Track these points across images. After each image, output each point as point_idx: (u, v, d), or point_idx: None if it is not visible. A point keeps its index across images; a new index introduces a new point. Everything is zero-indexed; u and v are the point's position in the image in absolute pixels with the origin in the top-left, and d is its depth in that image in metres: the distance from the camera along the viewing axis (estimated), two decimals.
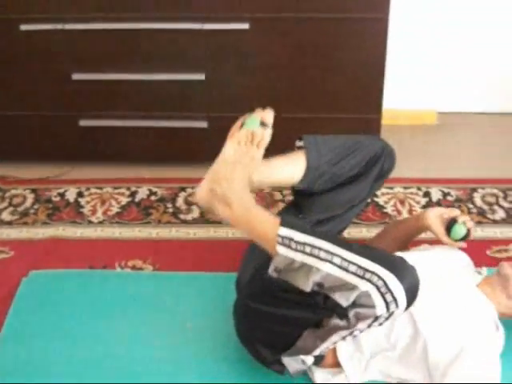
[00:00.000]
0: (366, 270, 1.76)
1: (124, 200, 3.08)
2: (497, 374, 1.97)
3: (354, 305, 1.77)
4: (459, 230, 2.19)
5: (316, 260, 1.82)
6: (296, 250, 1.84)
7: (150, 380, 2.16)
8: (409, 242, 2.41)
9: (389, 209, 2.99)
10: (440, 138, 3.56)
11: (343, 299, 1.77)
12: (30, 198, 3.12)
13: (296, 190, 2.29)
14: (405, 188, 3.12)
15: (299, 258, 1.84)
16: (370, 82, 3.04)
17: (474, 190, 3.12)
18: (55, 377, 2.18)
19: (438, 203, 3.01)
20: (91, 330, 2.36)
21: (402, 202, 3.03)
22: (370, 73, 3.02)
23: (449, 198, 3.06)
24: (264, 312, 1.99)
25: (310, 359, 2.00)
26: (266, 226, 1.94)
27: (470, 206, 3.01)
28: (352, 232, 2.82)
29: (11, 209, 3.05)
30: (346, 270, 1.78)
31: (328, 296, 1.80)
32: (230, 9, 2.88)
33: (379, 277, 1.74)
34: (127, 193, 3.12)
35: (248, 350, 2.11)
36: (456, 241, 2.21)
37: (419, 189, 3.11)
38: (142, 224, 2.92)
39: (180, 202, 3.06)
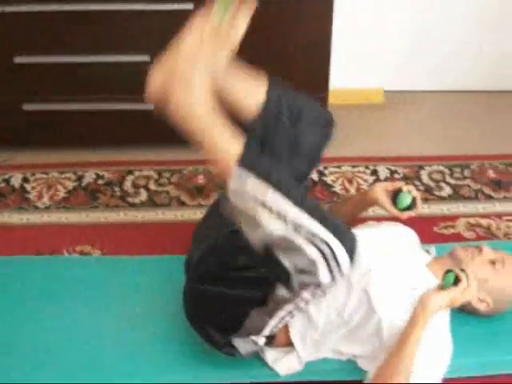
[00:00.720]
0: (316, 236, 1.73)
1: (70, 185, 3.04)
2: (447, 347, 2.01)
3: (299, 271, 1.76)
4: (404, 199, 2.18)
5: (268, 214, 1.75)
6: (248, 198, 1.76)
7: (98, 365, 2.15)
8: (356, 217, 2.40)
9: (337, 188, 3.01)
10: (387, 117, 3.59)
11: (288, 262, 1.76)
12: None
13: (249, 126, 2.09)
14: (353, 167, 3.14)
15: (251, 205, 1.77)
16: (316, 62, 3.05)
17: (421, 167, 3.15)
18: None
19: (386, 181, 3.03)
20: (39, 317, 2.32)
21: (350, 181, 3.05)
22: (316, 52, 3.03)
23: (396, 175, 3.09)
24: (212, 293, 1.99)
25: (261, 340, 2.00)
26: (224, 149, 1.81)
27: (417, 183, 3.04)
28: None
29: None
30: (298, 231, 1.74)
31: (273, 257, 1.78)
32: None
33: (327, 244, 1.72)
34: (74, 177, 3.09)
35: (198, 334, 2.09)
36: (402, 210, 2.21)
37: (367, 167, 3.13)
38: (90, 208, 2.89)
39: (127, 185, 3.03)
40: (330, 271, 1.74)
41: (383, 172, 3.10)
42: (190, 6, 2.84)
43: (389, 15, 3.50)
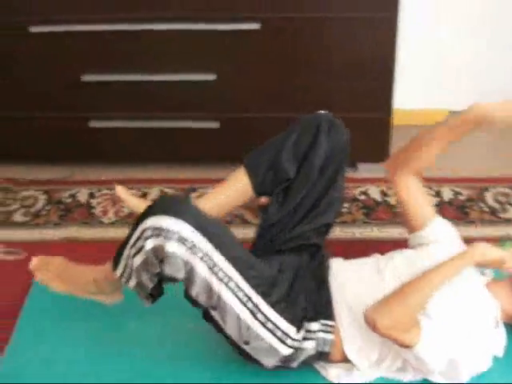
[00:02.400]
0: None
1: None
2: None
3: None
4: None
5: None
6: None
7: (158, 380, 2.17)
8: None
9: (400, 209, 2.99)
10: None
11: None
12: (42, 199, 3.13)
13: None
14: None
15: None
16: (380, 82, 3.04)
17: (486, 188, 3.11)
18: (69, 377, 2.19)
19: (450, 203, 3.01)
20: (102, 330, 2.37)
21: None
22: (379, 72, 3.01)
23: (460, 197, 3.06)
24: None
25: (283, 348, 2.00)
26: None
27: (482, 205, 3.01)
28: (364, 232, 2.82)
29: (23, 210, 3.06)
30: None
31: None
32: (241, 9, 2.88)
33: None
34: (139, 193, 3.12)
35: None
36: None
37: (430, 188, 3.10)
38: None
39: None
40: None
41: (447, 193, 3.07)
42: (257, 26, 2.87)
43: (455, 35, 3.48)
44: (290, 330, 1.99)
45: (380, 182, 3.13)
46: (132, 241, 1.97)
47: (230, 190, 2.24)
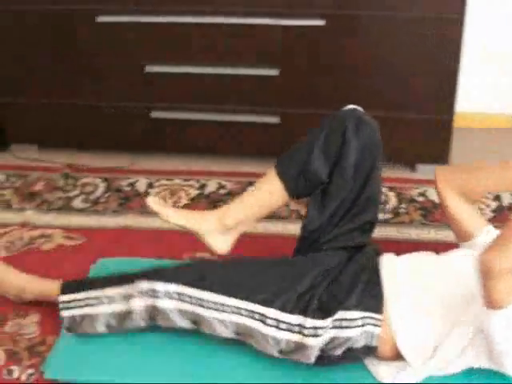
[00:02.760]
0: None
1: (193, 192, 3.10)
2: None
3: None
4: None
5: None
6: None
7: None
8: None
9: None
10: None
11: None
12: (102, 186, 3.17)
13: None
14: None
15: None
16: (443, 83, 3.01)
17: None
18: (121, 366, 2.17)
19: (510, 208, 2.97)
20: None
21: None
22: (443, 73, 2.99)
23: None
24: None
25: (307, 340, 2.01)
26: None
27: None
28: (421, 234, 2.80)
29: (83, 196, 3.11)
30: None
31: None
32: (306, 5, 2.89)
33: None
34: (196, 185, 3.15)
35: None
36: None
37: (489, 192, 3.06)
38: None
39: None
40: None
41: (507, 198, 3.03)
42: (322, 23, 2.87)
43: None
44: (307, 320, 1.99)
45: None
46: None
47: (265, 196, 2.27)
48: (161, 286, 2.08)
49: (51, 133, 3.41)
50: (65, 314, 2.22)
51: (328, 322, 1.99)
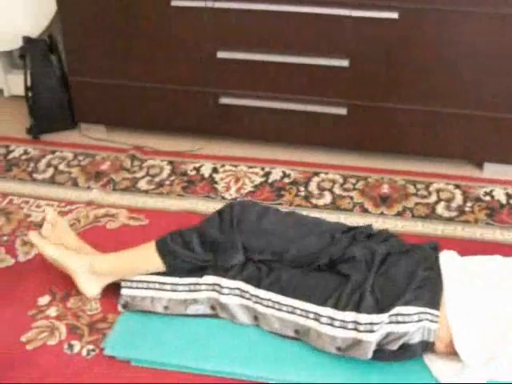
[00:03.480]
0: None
1: (257, 179, 3.11)
2: None
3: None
4: None
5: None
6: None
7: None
8: None
9: None
10: None
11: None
12: (167, 169, 3.20)
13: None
14: None
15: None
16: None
17: None
18: (179, 348, 2.19)
19: None
20: None
21: None
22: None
23: None
24: None
25: (361, 335, 2.01)
26: None
27: None
28: (485, 234, 2.76)
29: (148, 178, 3.14)
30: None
31: None
32: None
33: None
34: (261, 173, 3.15)
35: None
36: None
37: None
38: (274, 205, 2.94)
39: (313, 186, 3.06)
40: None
41: None
42: (395, 16, 2.84)
43: None
44: (359, 316, 2.00)
45: (506, 183, 3.06)
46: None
47: (141, 263, 2.33)
48: (225, 282, 2.18)
49: (120, 114, 3.45)
50: (125, 292, 2.28)
51: (384, 317, 1.99)
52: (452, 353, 2.04)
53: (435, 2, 2.83)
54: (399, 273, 2.10)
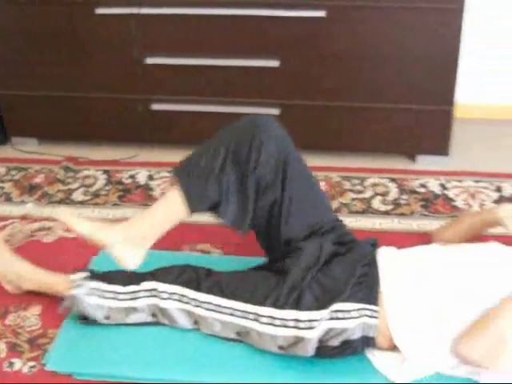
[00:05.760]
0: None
1: None
2: None
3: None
4: None
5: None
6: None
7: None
8: (478, 235, 2.38)
9: (459, 202, 2.96)
10: None
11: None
12: (102, 179, 3.17)
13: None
14: (476, 182, 3.08)
15: None
16: (443, 74, 3.02)
17: None
18: (122, 360, 2.16)
19: (510, 199, 2.97)
20: None
21: (473, 196, 2.99)
22: (443, 64, 3.00)
23: None
24: None
25: (303, 332, 2.01)
26: None
27: None
28: (420, 224, 2.80)
29: (83, 189, 3.11)
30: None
31: None
32: None
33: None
34: None
35: None
36: None
37: (491, 183, 3.06)
38: None
39: None
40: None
41: (508, 189, 3.02)
42: (322, 14, 2.86)
43: None
44: (300, 314, 2.00)
45: (439, 174, 3.11)
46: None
47: (167, 211, 2.23)
48: (163, 287, 2.16)
49: (51, 126, 3.41)
50: (75, 291, 2.20)
51: (324, 313, 1.99)
52: (395, 348, 2.05)
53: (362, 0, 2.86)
54: (338, 270, 2.11)
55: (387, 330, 2.03)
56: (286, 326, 2.01)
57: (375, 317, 2.02)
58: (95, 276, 2.25)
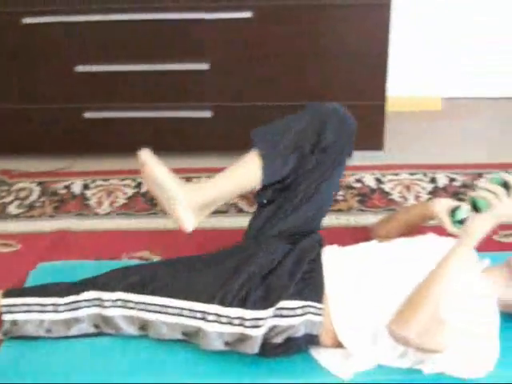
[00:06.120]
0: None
1: (130, 191, 3.08)
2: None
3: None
4: (460, 212, 2.18)
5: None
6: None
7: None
8: (415, 229, 2.40)
9: (395, 195, 2.99)
10: (445, 124, 3.57)
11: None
12: (37, 190, 3.13)
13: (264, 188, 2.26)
14: (411, 174, 3.12)
15: None
16: (374, 69, 3.04)
17: (480, 174, 3.11)
18: (60, 374, 2.14)
19: (445, 189, 3.01)
20: None
21: (408, 189, 3.03)
22: (373, 59, 3.02)
23: (455, 183, 3.06)
24: None
25: (250, 330, 2.01)
26: None
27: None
28: (358, 219, 2.82)
29: (18, 202, 3.06)
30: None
31: None
32: None
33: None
34: (133, 184, 3.13)
35: None
36: (456, 224, 2.20)
37: (425, 175, 3.11)
38: (149, 215, 2.92)
39: None
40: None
41: (442, 180, 3.07)
42: (248, 15, 2.86)
43: (447, 23, 3.48)
44: (246, 312, 2.00)
45: (375, 169, 3.13)
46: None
47: (240, 179, 2.21)
48: (106, 295, 2.11)
49: None
50: (6, 317, 2.18)
51: (269, 312, 1.99)
52: (340, 344, 2.06)
53: None
54: (284, 268, 2.11)
55: (331, 327, 2.05)
56: (231, 324, 2.01)
57: (320, 314, 2.03)
58: (30, 292, 2.22)
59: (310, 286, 2.08)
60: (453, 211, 2.20)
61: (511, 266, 2.12)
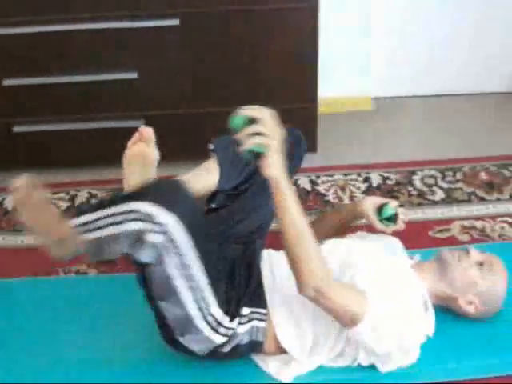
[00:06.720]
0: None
1: (64, 205, 3.04)
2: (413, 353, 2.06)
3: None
4: (387, 210, 2.22)
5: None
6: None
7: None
8: (346, 228, 2.42)
9: (330, 196, 3.01)
10: (376, 124, 3.61)
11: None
12: None
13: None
14: (345, 175, 3.14)
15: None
16: (304, 72, 3.07)
17: (413, 172, 3.16)
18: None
19: (379, 188, 3.04)
20: (39, 337, 2.31)
21: (343, 189, 3.05)
22: (303, 62, 3.05)
23: (389, 182, 3.09)
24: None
25: (217, 337, 1.99)
26: None
27: (410, 188, 3.05)
28: None
29: None
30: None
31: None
32: (159, 5, 2.87)
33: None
34: (67, 197, 3.08)
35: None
36: (384, 220, 2.23)
37: (359, 175, 3.13)
38: None
39: None
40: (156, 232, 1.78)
41: (376, 179, 3.10)
42: (176, 22, 2.85)
43: (373, 22, 3.52)
44: (225, 319, 1.98)
45: (309, 171, 3.15)
46: (109, 212, 1.87)
47: (201, 183, 2.19)
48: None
49: None
50: (90, 236, 1.92)
51: (235, 321, 2.01)
52: (282, 350, 2.08)
53: (215, 4, 2.87)
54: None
55: (273, 333, 2.06)
56: (207, 323, 1.98)
57: (264, 320, 2.04)
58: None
59: (252, 292, 2.08)
60: (380, 208, 2.23)
61: (441, 260, 2.16)
